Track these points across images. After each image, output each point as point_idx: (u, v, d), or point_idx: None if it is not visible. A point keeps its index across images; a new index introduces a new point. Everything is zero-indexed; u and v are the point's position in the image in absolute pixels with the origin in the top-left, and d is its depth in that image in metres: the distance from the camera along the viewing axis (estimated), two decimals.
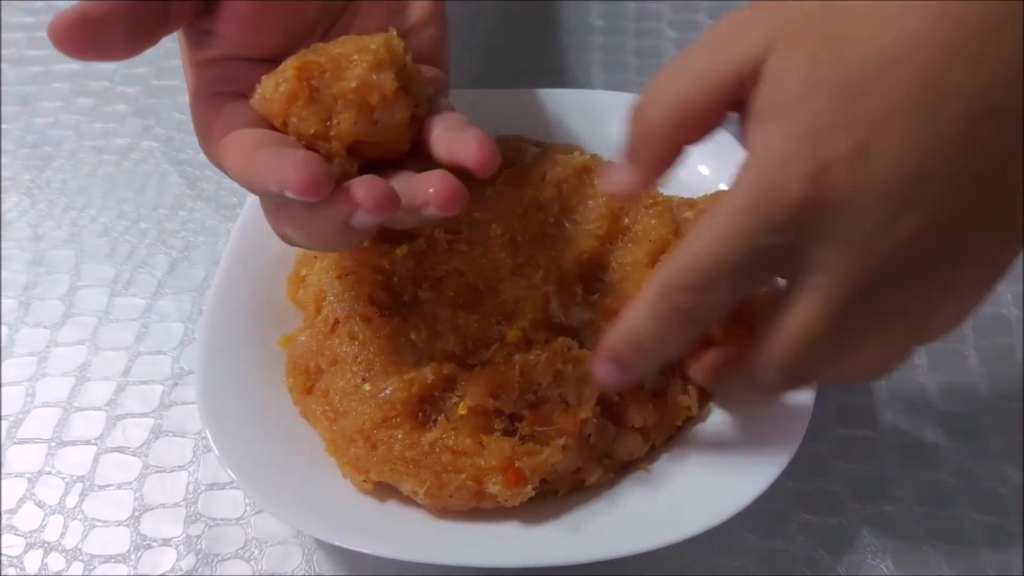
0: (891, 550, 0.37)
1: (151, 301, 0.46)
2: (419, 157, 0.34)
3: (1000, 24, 0.25)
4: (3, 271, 0.47)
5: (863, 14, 0.26)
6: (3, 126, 0.54)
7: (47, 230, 0.49)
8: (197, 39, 0.34)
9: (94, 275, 0.47)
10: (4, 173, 0.52)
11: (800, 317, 0.28)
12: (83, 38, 0.29)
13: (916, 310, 0.28)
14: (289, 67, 0.31)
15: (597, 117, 0.46)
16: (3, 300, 0.46)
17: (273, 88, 0.31)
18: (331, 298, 0.38)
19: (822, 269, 0.27)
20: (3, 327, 0.45)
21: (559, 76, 0.57)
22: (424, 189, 0.30)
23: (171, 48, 0.57)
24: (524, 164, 0.43)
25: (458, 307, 0.37)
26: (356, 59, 0.32)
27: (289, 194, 0.28)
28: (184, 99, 0.54)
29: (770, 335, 0.29)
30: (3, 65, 0.57)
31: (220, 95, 0.33)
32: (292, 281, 0.42)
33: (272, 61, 0.33)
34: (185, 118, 0.54)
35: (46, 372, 0.44)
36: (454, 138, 0.32)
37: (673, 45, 0.59)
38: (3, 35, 0.59)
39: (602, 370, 0.31)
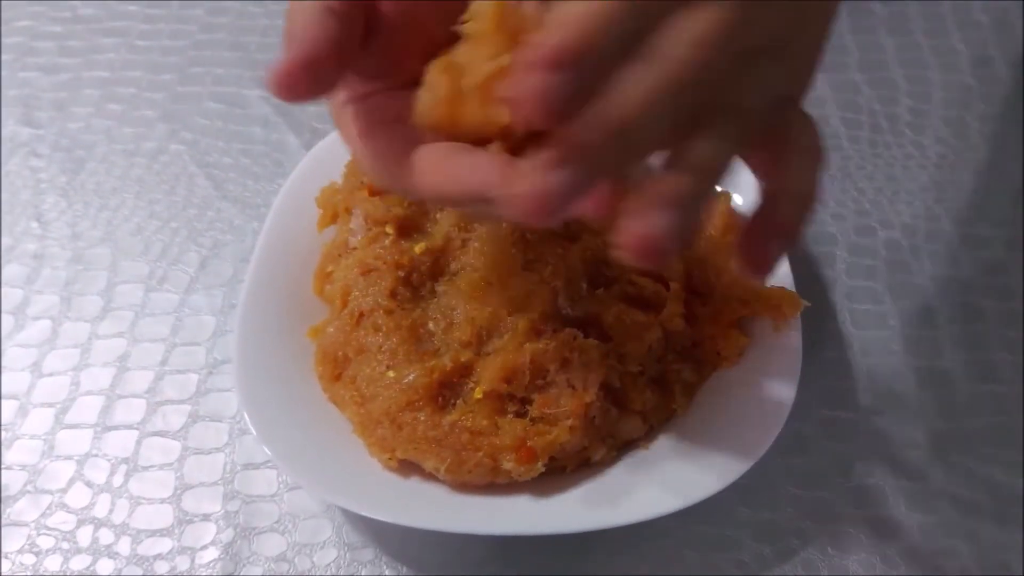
0: (869, 520, 0.41)
1: (184, 296, 0.49)
2: None
3: None
4: (45, 268, 0.50)
5: None
6: (39, 131, 0.57)
7: (84, 229, 0.52)
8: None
9: (130, 272, 0.50)
10: (42, 176, 0.55)
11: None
12: (304, 82, 0.29)
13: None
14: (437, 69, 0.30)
15: None
16: (46, 296, 0.49)
17: (432, 98, 0.30)
18: (356, 293, 0.41)
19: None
20: (48, 321, 0.48)
21: None
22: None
23: (194, 56, 0.61)
24: None
25: (473, 300, 0.39)
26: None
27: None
28: (208, 104, 0.58)
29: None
30: (36, 73, 0.60)
31: (383, 123, 0.33)
32: (318, 277, 0.44)
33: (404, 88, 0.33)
34: (209, 123, 0.57)
35: (89, 363, 0.47)
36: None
37: None
38: (34, 44, 0.62)
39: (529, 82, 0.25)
